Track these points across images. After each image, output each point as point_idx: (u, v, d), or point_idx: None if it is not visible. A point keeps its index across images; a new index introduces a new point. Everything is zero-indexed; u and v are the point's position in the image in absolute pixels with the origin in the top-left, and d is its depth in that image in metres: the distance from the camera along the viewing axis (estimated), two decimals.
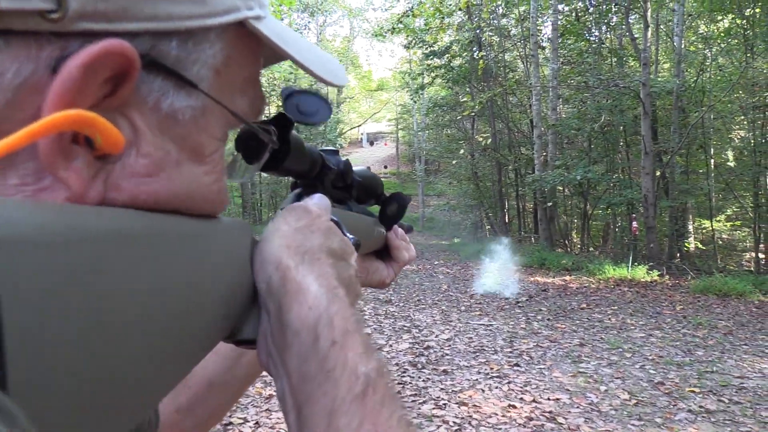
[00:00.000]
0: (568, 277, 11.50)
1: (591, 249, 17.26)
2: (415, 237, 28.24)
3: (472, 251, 16.61)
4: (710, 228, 16.62)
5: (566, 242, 18.22)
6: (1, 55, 0.26)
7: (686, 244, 15.62)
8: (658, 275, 11.17)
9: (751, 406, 4.61)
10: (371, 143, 63.96)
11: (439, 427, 4.10)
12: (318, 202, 0.48)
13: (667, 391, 4.93)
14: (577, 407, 4.54)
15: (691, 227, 16.64)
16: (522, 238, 18.22)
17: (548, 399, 4.70)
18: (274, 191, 27.44)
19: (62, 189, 0.27)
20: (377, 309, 8.18)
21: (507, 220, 20.58)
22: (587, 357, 5.95)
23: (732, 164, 18.49)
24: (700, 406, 4.59)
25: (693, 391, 4.93)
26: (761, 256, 14.45)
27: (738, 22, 14.10)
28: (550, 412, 4.43)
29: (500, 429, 4.08)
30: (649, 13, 12.45)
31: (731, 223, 17.95)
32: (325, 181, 0.56)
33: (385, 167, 52.95)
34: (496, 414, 4.36)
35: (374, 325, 7.17)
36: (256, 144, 0.44)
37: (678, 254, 15.07)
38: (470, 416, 4.30)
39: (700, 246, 16.56)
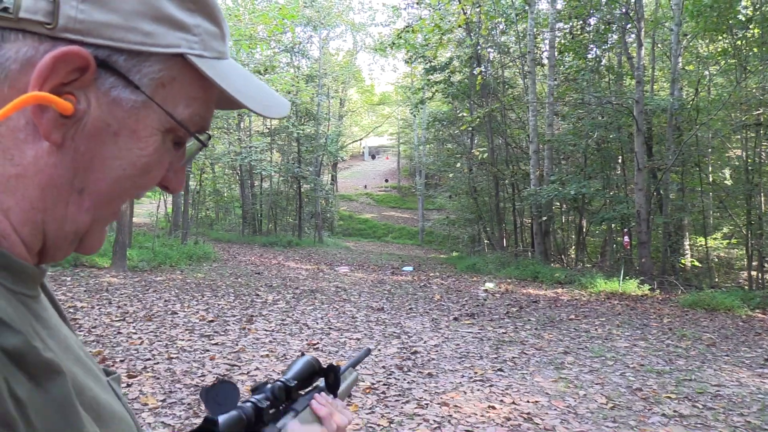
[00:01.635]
0: (560, 290, 11.66)
1: (587, 264, 17.40)
2: (414, 251, 28.41)
3: (468, 264, 16.79)
4: (706, 245, 16.79)
5: (563, 257, 18.38)
6: (19, 42, 0.44)
7: (682, 261, 15.76)
8: (649, 289, 11.32)
9: (724, 412, 4.76)
10: (373, 157, 64.32)
11: (419, 424, 4.26)
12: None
13: (643, 397, 5.08)
14: (555, 409, 4.70)
15: (687, 244, 16.78)
16: (518, 252, 18.37)
17: (527, 401, 4.86)
18: (274, 202, 27.64)
19: (37, 132, 0.46)
20: (369, 316, 8.34)
21: (505, 235, 20.75)
22: (570, 364, 6.11)
23: (729, 182, 18.69)
24: (675, 411, 4.74)
25: (669, 397, 5.09)
26: (753, 273, 14.58)
27: (738, 43, 14.35)
28: (528, 413, 4.58)
29: (478, 427, 4.23)
30: (643, 33, 12.70)
31: (727, 241, 18.13)
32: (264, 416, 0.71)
33: (386, 181, 53.24)
34: (476, 414, 4.51)
35: (365, 331, 7.33)
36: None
37: (672, 270, 15.22)
38: (450, 415, 4.46)
39: (695, 263, 16.69)
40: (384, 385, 5.16)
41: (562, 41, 17.06)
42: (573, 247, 19.38)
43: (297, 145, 26.26)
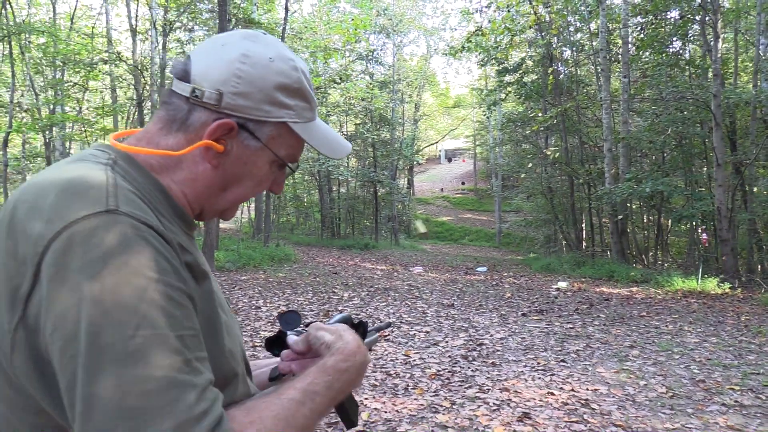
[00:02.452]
0: (634, 289, 11.54)
1: (666, 263, 16.94)
2: (491, 252, 28.40)
3: (543, 264, 16.75)
4: None
5: (643, 257, 17.93)
6: (200, 112, 0.85)
7: None
8: (729, 288, 11.01)
9: None
10: (449, 160, 64.33)
11: (479, 406, 4.56)
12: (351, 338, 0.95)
13: (705, 388, 5.15)
14: (613, 397, 4.87)
15: None
16: (595, 252, 18.12)
17: (587, 389, 5.05)
18: (352, 206, 28.36)
19: (205, 159, 0.88)
20: (439, 312, 8.67)
21: (582, 234, 20.48)
22: (634, 357, 6.21)
23: None
24: (735, 401, 4.80)
25: (732, 389, 5.13)
26: None
27: None
28: (586, 399, 4.78)
29: (536, 410, 4.49)
30: (719, 25, 12.36)
31: None
32: None
33: (463, 183, 53.17)
34: (534, 399, 4.76)
35: (434, 324, 7.67)
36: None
37: (761, 268, 14.63)
38: (510, 399, 4.73)
39: None
40: (449, 372, 5.48)
41: (640, 36, 16.75)
42: (653, 247, 18.89)
43: (373, 150, 26.89)
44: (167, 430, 0.63)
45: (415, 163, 40.61)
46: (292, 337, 0.98)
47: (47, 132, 15.88)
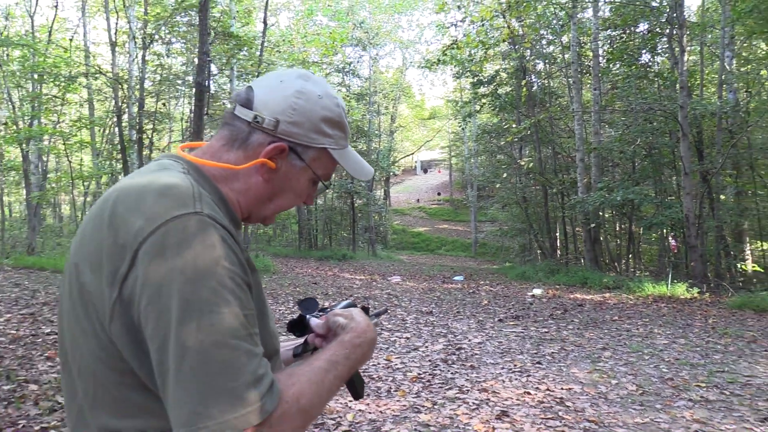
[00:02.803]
0: (607, 294, 11.87)
1: (637, 270, 17.37)
2: (467, 262, 28.70)
3: (519, 272, 17.07)
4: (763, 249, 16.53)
5: (616, 265, 18.37)
6: (259, 134, 1.05)
7: (743, 266, 15.60)
8: (697, 292, 11.39)
9: (751, 398, 5.04)
10: (425, 171, 64.81)
11: (459, 406, 4.75)
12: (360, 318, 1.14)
13: (673, 385, 5.41)
14: (586, 395, 5.10)
15: (748, 249, 16.57)
16: (568, 260, 18.50)
17: (561, 389, 5.27)
18: (329, 217, 28.45)
19: (258, 173, 1.06)
20: (418, 319, 8.86)
21: (557, 243, 20.88)
22: (606, 358, 6.46)
23: None
24: (701, 397, 5.06)
25: (699, 386, 5.39)
26: None
27: None
28: (560, 398, 5.00)
29: (513, 409, 4.69)
30: (685, 39, 12.85)
31: None
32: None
33: (439, 194, 53.60)
34: (512, 398, 4.97)
35: (414, 331, 7.86)
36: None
37: (728, 274, 15.11)
38: (488, 399, 4.93)
39: (757, 268, 16.43)
40: (429, 375, 5.67)
41: (610, 49, 17.29)
42: (626, 255, 19.35)
43: None
44: (240, 386, 0.81)
45: (391, 174, 40.89)
46: (314, 320, 1.17)
47: (25, 145, 15.79)
